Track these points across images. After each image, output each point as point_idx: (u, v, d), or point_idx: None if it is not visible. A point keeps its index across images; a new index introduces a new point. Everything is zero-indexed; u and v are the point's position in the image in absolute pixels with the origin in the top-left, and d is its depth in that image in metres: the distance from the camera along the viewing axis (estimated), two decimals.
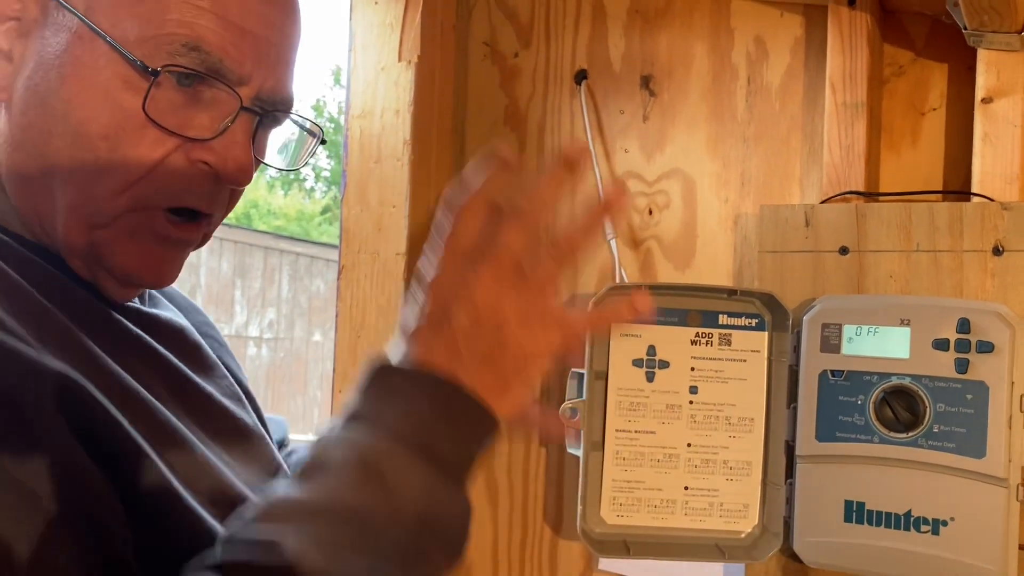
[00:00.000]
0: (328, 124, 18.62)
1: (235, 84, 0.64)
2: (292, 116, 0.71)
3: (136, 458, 0.56)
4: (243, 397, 0.76)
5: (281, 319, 7.12)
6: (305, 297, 7.11)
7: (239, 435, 0.71)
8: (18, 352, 0.53)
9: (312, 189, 18.42)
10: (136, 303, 0.71)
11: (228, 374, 0.76)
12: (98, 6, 0.62)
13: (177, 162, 0.64)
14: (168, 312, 0.75)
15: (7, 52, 0.64)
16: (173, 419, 0.63)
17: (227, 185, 0.67)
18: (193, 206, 0.66)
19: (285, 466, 0.76)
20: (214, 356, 0.76)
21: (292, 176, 18.45)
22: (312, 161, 0.74)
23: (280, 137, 0.73)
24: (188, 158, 0.64)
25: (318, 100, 18.92)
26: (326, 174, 18.44)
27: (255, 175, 0.69)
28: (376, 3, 1.18)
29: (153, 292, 0.76)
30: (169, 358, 0.68)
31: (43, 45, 0.63)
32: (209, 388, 0.71)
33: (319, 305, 7.02)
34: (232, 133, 0.65)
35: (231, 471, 0.66)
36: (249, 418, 0.74)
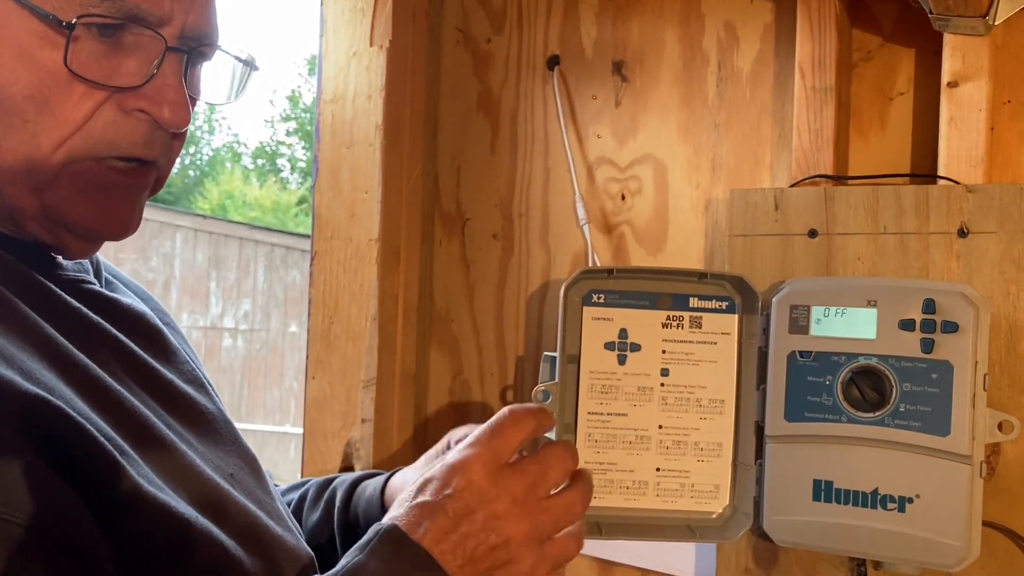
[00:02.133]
0: (304, 115, 18.50)
1: (156, 26, 0.62)
2: (221, 48, 0.69)
3: (109, 467, 0.56)
4: (205, 382, 0.75)
5: (257, 310, 7.07)
6: (281, 288, 7.06)
7: (203, 420, 0.71)
8: None
9: (287, 180, 18.31)
10: (95, 286, 0.70)
11: (188, 359, 0.76)
12: None
13: (109, 113, 0.63)
14: (127, 298, 0.74)
15: None
16: (141, 408, 0.63)
17: (166, 129, 0.65)
18: (134, 155, 0.65)
19: (255, 454, 0.76)
20: (174, 342, 0.75)
21: (268, 167, 18.32)
22: (246, 95, 0.72)
23: (214, 71, 0.71)
24: (121, 108, 0.63)
25: (293, 91, 18.80)
26: (302, 165, 18.35)
27: (197, 124, 0.67)
28: None
29: (110, 277, 0.75)
30: (130, 346, 0.68)
31: None
32: (170, 375, 0.70)
33: (295, 296, 6.98)
34: (162, 76, 0.63)
35: (198, 456, 0.66)
36: (211, 403, 0.73)
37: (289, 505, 0.90)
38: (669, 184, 1.18)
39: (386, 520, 0.66)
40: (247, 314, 7.07)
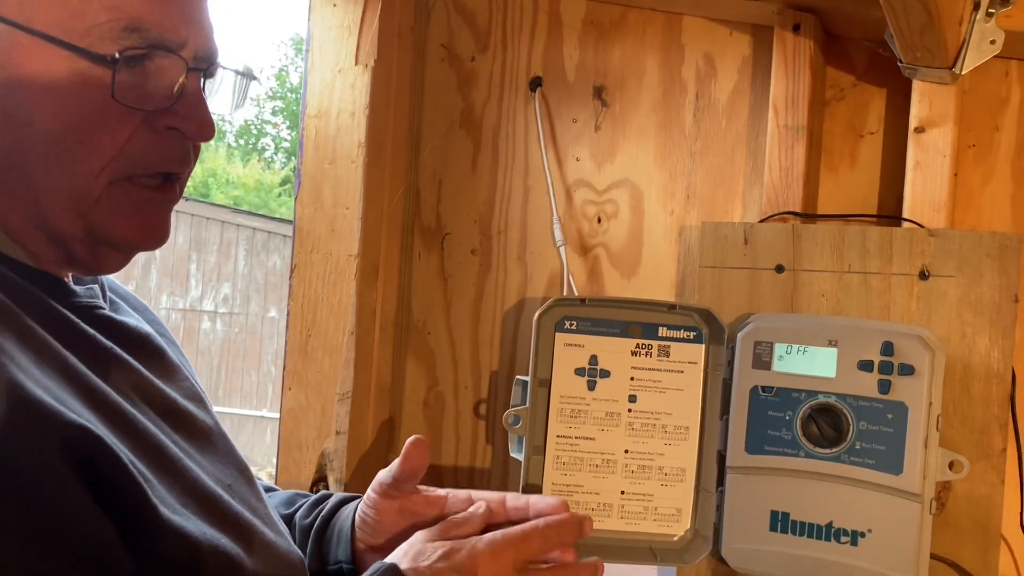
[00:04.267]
0: (291, 95, 18.39)
1: (176, 50, 0.68)
2: (222, 65, 0.75)
3: (138, 496, 0.60)
4: (202, 397, 0.79)
5: (236, 294, 7.05)
6: (261, 273, 7.04)
7: (203, 436, 0.75)
8: (34, 403, 0.56)
9: (271, 159, 18.22)
10: (105, 310, 0.74)
11: (188, 375, 0.79)
12: (30, 11, 0.64)
13: (144, 134, 0.68)
14: (132, 319, 0.78)
15: None
16: (153, 428, 0.67)
17: (195, 141, 0.72)
18: (168, 170, 0.70)
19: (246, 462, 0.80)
20: (176, 360, 0.79)
21: (252, 146, 18.22)
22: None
23: (215, 84, 0.77)
24: (154, 128, 0.68)
25: (280, 70, 18.69)
26: (286, 144, 18.26)
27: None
28: (335, 5, 1.19)
29: (114, 298, 0.79)
30: (138, 367, 0.72)
31: None
32: (173, 393, 0.74)
33: (275, 281, 6.96)
34: (187, 95, 0.69)
35: (202, 470, 0.70)
36: (209, 418, 0.78)
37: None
38: (644, 209, 1.20)
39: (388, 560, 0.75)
40: (227, 297, 7.05)
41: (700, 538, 1.00)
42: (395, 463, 0.88)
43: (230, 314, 7.06)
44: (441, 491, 0.91)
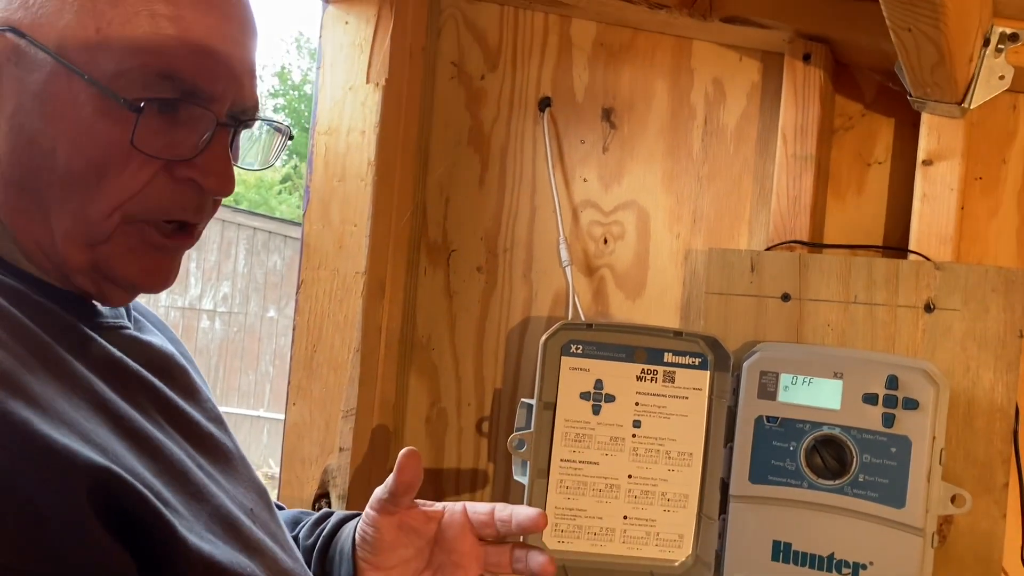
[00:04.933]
0: (293, 92, 18.39)
1: (209, 103, 0.67)
2: (262, 118, 0.75)
3: (166, 534, 0.60)
4: (223, 420, 0.79)
5: (236, 294, 7.05)
6: (261, 272, 7.04)
7: (225, 458, 0.75)
8: (49, 448, 0.55)
9: None
10: (131, 331, 0.74)
11: (208, 396, 0.80)
12: (70, 44, 0.64)
13: (163, 181, 0.68)
14: (155, 338, 0.78)
15: None
16: (179, 453, 0.67)
17: (212, 196, 0.71)
18: (183, 218, 0.70)
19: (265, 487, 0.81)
20: (197, 380, 0.80)
21: None
22: (283, 158, 0.78)
23: (250, 136, 0.77)
24: (173, 176, 0.68)
25: (282, 67, 18.70)
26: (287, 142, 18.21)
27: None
28: (346, 23, 1.19)
29: (138, 316, 0.79)
30: (163, 389, 0.72)
31: (21, 85, 0.65)
32: (196, 414, 0.75)
33: (275, 281, 6.96)
34: (211, 149, 0.68)
35: (225, 495, 0.70)
36: (230, 441, 0.78)
37: None
38: (651, 232, 1.21)
39: None
40: (226, 297, 7.05)
41: (701, 564, 1.00)
42: (390, 478, 0.87)
43: (229, 313, 7.06)
44: (438, 505, 0.92)
